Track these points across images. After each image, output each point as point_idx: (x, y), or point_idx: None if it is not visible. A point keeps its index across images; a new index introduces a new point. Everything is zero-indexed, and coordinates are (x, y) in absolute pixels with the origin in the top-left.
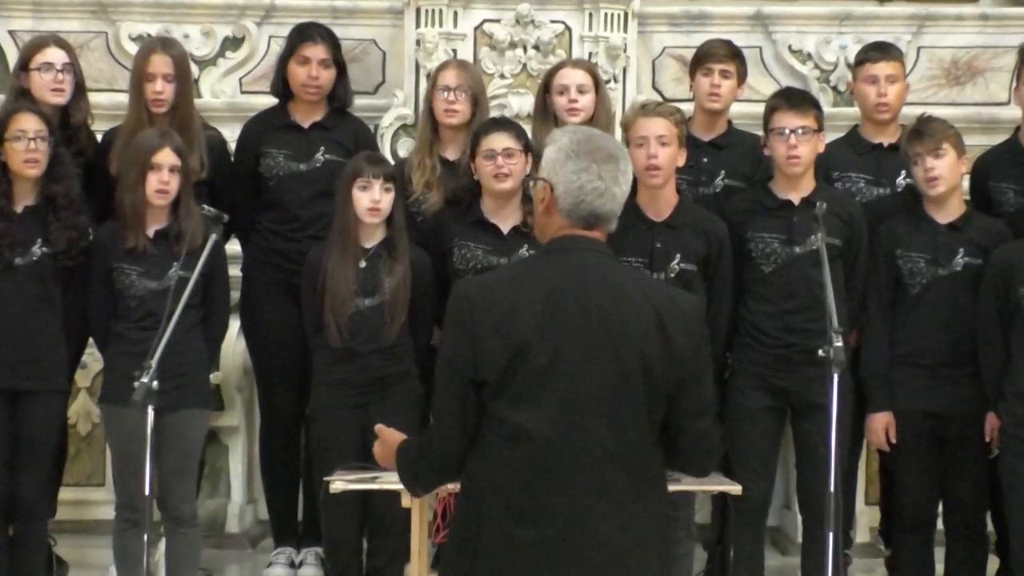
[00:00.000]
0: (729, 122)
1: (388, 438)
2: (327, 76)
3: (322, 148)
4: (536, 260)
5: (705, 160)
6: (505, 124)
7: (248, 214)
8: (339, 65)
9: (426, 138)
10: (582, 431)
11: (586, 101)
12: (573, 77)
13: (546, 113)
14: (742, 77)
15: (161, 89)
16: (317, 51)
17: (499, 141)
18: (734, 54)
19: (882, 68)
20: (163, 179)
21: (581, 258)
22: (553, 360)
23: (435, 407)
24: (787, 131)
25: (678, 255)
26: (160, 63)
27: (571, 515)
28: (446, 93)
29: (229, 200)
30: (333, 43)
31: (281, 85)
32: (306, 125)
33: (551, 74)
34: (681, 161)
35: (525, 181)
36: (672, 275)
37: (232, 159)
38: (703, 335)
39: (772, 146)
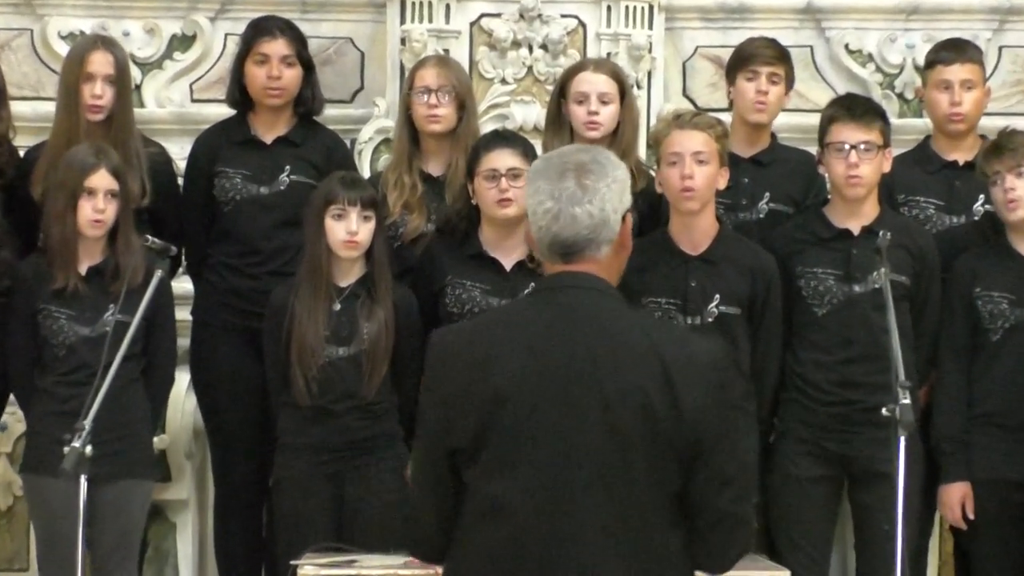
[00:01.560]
0: (773, 136)
1: None
2: (291, 76)
3: (288, 167)
4: (521, 303)
5: (746, 180)
6: (511, 139)
7: (199, 246)
8: (305, 63)
9: (404, 150)
10: (569, 505)
11: (608, 113)
12: (594, 83)
13: (560, 123)
14: (790, 82)
15: (101, 92)
16: (277, 47)
17: (503, 159)
18: (784, 55)
19: (956, 72)
20: (98, 206)
21: (572, 298)
22: (533, 419)
23: (412, 480)
24: (847, 147)
25: (717, 296)
26: (102, 61)
27: None
28: (426, 96)
29: (177, 230)
30: (296, 38)
31: (238, 93)
32: (269, 140)
33: (568, 77)
34: (722, 183)
35: None
36: (710, 319)
37: (180, 181)
38: (725, 388)
39: (828, 164)
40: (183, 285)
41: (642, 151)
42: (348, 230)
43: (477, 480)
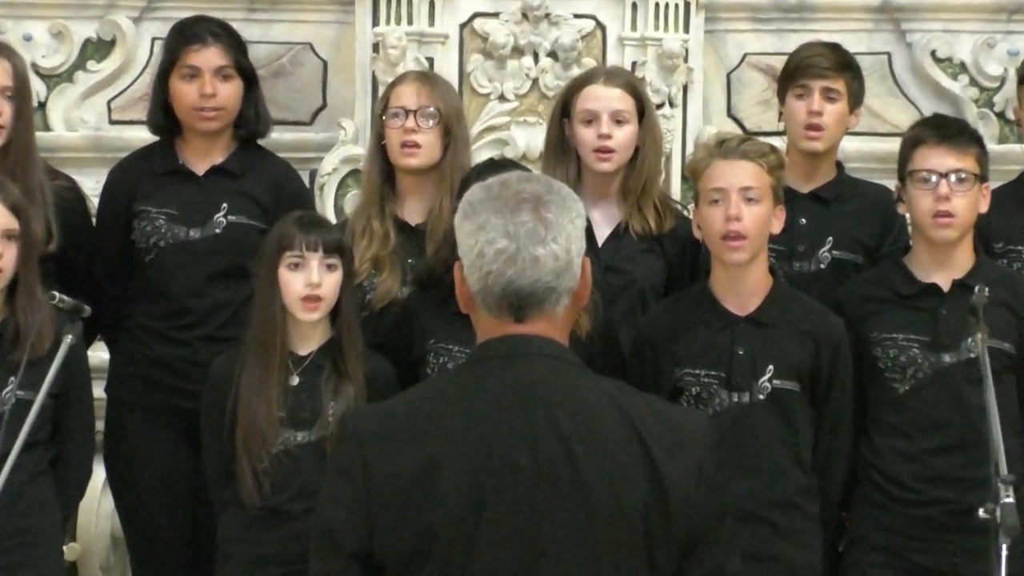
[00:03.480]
0: (839, 165)
1: None
2: (228, 92)
3: (225, 205)
4: (459, 377)
5: (803, 221)
6: (507, 169)
7: (116, 304)
8: (246, 75)
9: (374, 190)
10: None
11: (623, 136)
12: (606, 99)
13: (564, 149)
14: (856, 99)
15: None
16: (209, 56)
17: None
18: (844, 64)
19: None
20: None
21: (525, 369)
22: (488, 529)
23: None
24: (935, 176)
25: (770, 367)
26: None
27: None
28: (401, 119)
29: (90, 282)
30: (233, 43)
31: (161, 115)
32: (201, 171)
33: (572, 92)
34: (777, 227)
35: None
36: (761, 396)
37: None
38: (717, 468)
39: (911, 199)
40: (100, 355)
41: (675, 187)
42: (308, 281)
43: None
